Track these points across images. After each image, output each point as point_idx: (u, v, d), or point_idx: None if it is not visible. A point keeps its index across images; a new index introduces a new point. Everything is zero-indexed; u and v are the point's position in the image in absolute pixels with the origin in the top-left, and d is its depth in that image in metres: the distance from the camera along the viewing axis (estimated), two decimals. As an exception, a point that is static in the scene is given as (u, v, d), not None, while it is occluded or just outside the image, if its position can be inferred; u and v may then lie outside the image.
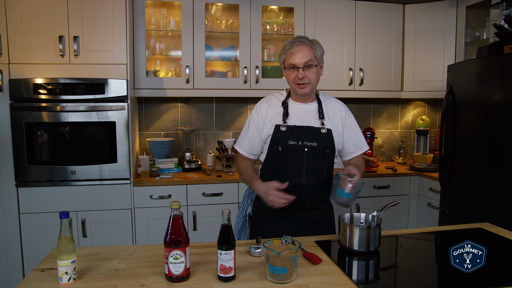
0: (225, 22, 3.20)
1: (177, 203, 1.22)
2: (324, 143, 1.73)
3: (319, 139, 1.73)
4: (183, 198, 2.83)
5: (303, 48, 1.67)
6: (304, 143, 1.71)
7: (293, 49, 1.67)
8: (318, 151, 1.72)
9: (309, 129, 1.73)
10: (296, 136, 1.71)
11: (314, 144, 1.71)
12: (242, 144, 1.84)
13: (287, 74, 1.72)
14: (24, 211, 2.63)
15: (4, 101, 2.57)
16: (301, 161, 1.71)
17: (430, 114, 3.88)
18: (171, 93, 3.06)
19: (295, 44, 1.67)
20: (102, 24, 2.65)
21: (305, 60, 1.66)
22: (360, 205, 3.12)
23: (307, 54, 1.66)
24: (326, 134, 1.74)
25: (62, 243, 1.19)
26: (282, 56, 1.72)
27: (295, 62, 1.67)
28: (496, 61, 2.36)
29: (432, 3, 3.29)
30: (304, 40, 1.70)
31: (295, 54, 1.66)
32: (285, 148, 1.72)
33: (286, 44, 1.71)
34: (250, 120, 1.82)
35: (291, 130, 1.72)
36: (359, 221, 1.56)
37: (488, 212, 2.40)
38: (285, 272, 1.19)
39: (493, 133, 2.37)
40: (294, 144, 1.71)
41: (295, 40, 1.69)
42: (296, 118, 1.76)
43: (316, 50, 1.69)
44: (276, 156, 1.74)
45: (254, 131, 1.80)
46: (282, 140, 1.72)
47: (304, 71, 1.67)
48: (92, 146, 2.70)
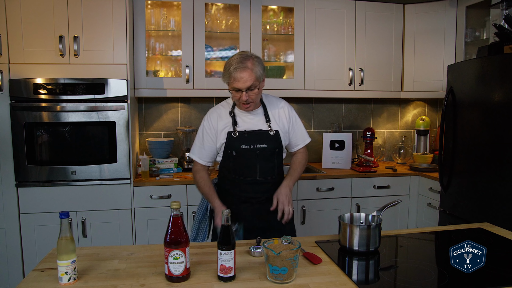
0: (225, 22, 3.20)
1: (177, 203, 1.22)
2: (273, 144, 1.90)
3: (268, 140, 1.89)
4: (183, 198, 2.83)
5: (244, 74, 1.74)
6: (255, 145, 1.87)
7: (236, 75, 1.74)
8: (268, 152, 1.90)
9: (258, 133, 1.89)
10: (247, 140, 1.87)
11: (264, 146, 1.88)
12: (199, 153, 1.96)
13: (232, 94, 1.83)
14: (24, 211, 2.63)
15: (4, 101, 2.57)
16: (254, 162, 1.88)
17: (430, 114, 3.88)
18: (171, 93, 3.06)
19: (237, 70, 1.74)
20: (102, 24, 2.65)
21: (247, 85, 1.75)
22: (360, 205, 3.12)
23: (248, 79, 1.74)
24: (274, 135, 1.91)
25: (62, 243, 1.19)
26: (226, 79, 1.80)
27: (238, 87, 1.76)
28: (496, 61, 2.37)
29: (432, 3, 3.29)
30: (245, 62, 1.75)
31: (238, 80, 1.74)
32: (238, 152, 1.87)
33: (229, 67, 1.76)
34: (203, 131, 1.94)
35: (243, 135, 1.87)
36: (359, 221, 1.56)
37: (488, 212, 2.40)
38: (285, 272, 1.19)
39: (493, 133, 2.37)
40: (246, 148, 1.87)
41: (237, 66, 1.74)
42: (245, 124, 1.90)
43: (256, 72, 1.77)
44: (231, 159, 1.90)
45: (209, 141, 1.93)
46: (235, 145, 1.87)
47: (247, 93, 1.77)
48: (92, 146, 2.70)
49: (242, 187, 1.91)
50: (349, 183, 3.11)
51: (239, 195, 1.92)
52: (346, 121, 3.72)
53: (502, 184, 2.30)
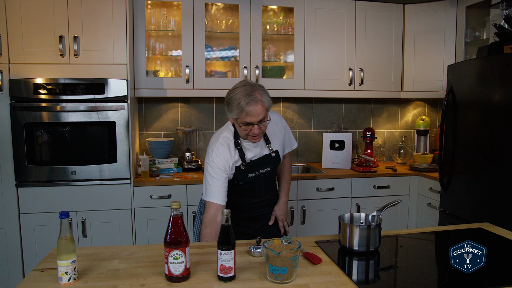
0: (225, 22, 3.20)
1: (177, 203, 1.22)
2: (275, 164, 1.94)
3: (271, 163, 1.92)
4: (183, 198, 2.83)
5: (258, 108, 1.65)
6: (260, 171, 1.88)
7: (249, 109, 1.64)
8: (272, 173, 1.95)
9: (263, 159, 1.89)
10: (253, 169, 1.86)
11: (268, 169, 1.91)
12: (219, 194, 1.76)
13: (240, 128, 1.73)
14: (24, 211, 2.63)
15: (4, 101, 2.57)
16: (259, 186, 1.93)
17: (430, 114, 3.88)
18: (171, 93, 3.06)
19: (250, 104, 1.64)
20: (102, 24, 2.65)
21: (260, 119, 1.69)
22: (360, 205, 3.12)
23: (261, 112, 1.67)
24: (275, 156, 1.92)
25: (62, 243, 1.19)
26: (236, 113, 1.68)
27: (251, 121, 1.68)
28: (496, 61, 2.36)
29: (432, 3, 3.29)
30: (254, 94, 1.66)
31: (251, 114, 1.66)
32: (245, 181, 1.87)
33: (239, 101, 1.64)
34: (215, 168, 1.78)
35: (249, 166, 1.85)
36: (359, 221, 1.56)
37: (488, 212, 2.40)
38: (285, 272, 1.19)
39: (493, 133, 2.37)
40: (252, 176, 1.87)
41: (248, 100, 1.64)
42: (250, 154, 1.87)
43: (265, 103, 1.69)
44: (237, 187, 1.89)
45: (223, 177, 1.78)
46: (242, 176, 1.85)
47: (258, 125, 1.70)
48: (92, 146, 2.70)
49: (245, 206, 1.95)
50: (349, 183, 3.11)
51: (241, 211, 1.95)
52: (346, 121, 3.72)
53: (502, 184, 2.30)
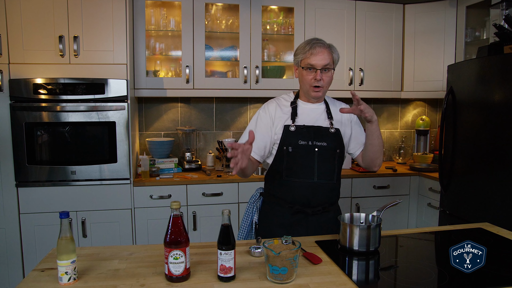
0: (225, 22, 3.20)
1: (177, 203, 1.22)
2: (334, 143, 1.71)
3: (329, 138, 1.71)
4: (183, 198, 2.83)
5: (323, 50, 1.65)
6: (314, 142, 1.68)
7: (315, 50, 1.64)
8: (328, 151, 1.70)
9: (318, 129, 1.71)
10: (306, 136, 1.68)
11: (324, 143, 1.69)
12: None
13: (303, 75, 1.69)
14: (24, 211, 2.63)
15: (4, 101, 2.57)
16: (312, 161, 1.68)
17: (430, 114, 3.88)
18: (171, 93, 3.06)
19: (316, 45, 1.65)
20: (102, 24, 2.65)
21: (325, 63, 1.65)
22: (360, 205, 3.12)
23: (327, 57, 1.65)
24: (335, 133, 1.72)
25: (62, 243, 1.19)
26: (300, 56, 1.68)
27: (314, 63, 1.65)
28: (496, 61, 2.36)
29: (432, 3, 3.29)
30: (324, 42, 1.69)
31: (316, 55, 1.64)
32: (295, 148, 1.68)
33: (304, 44, 1.68)
34: (258, 119, 1.74)
35: (301, 129, 1.69)
36: (359, 221, 1.56)
37: (488, 212, 2.40)
38: (285, 272, 1.19)
39: (493, 133, 2.37)
40: (304, 144, 1.67)
41: (316, 42, 1.66)
42: (306, 117, 1.73)
43: (334, 54, 1.69)
44: (286, 157, 1.69)
45: (263, 129, 1.71)
46: (292, 140, 1.68)
47: (321, 73, 1.66)
48: (92, 146, 2.70)
49: (296, 191, 1.68)
50: (349, 183, 3.11)
51: (292, 203, 1.70)
52: (346, 121, 3.72)
53: (502, 184, 2.30)
